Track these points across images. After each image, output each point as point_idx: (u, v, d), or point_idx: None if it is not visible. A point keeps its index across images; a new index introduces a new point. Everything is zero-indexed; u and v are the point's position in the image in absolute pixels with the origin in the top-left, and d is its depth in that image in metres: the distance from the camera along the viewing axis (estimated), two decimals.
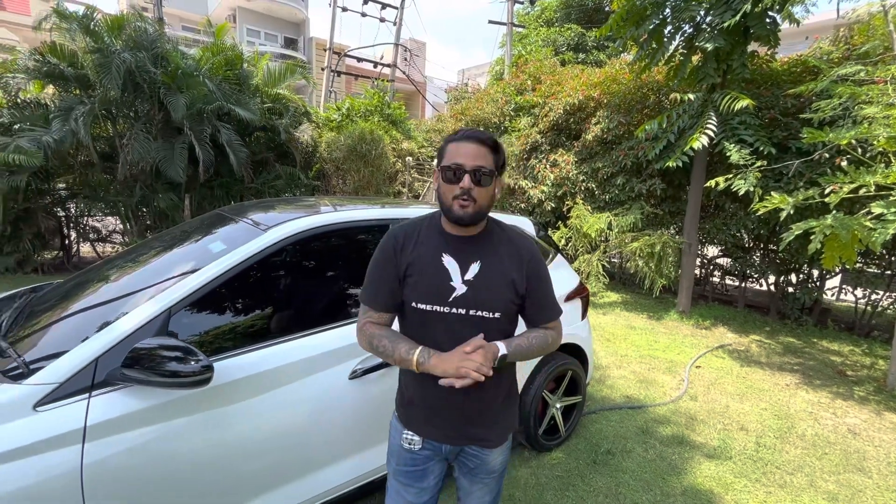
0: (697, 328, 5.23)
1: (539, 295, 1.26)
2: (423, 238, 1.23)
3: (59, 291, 1.92)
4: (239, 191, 7.85)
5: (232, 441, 1.48)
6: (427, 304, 1.18)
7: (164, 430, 1.36)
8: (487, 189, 1.15)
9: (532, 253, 1.26)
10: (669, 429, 3.00)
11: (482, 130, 1.26)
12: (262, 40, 23.31)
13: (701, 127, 4.61)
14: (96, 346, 1.31)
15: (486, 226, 1.25)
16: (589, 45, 12.47)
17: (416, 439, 1.27)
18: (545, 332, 1.27)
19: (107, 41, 6.31)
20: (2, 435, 1.16)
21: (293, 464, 1.64)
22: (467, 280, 1.18)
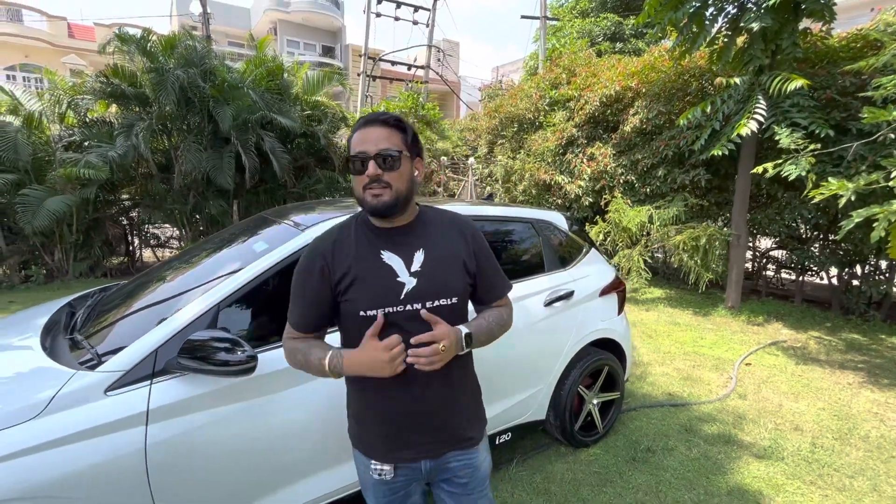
0: (748, 324, 4.97)
1: (488, 271, 1.21)
2: (355, 241, 1.12)
3: (124, 291, 2.11)
4: (282, 195, 8.22)
5: (276, 427, 1.58)
6: (378, 309, 1.06)
7: (214, 415, 1.48)
8: (400, 172, 1.05)
9: (473, 229, 1.21)
10: (715, 427, 2.88)
11: (382, 112, 1.15)
12: (302, 50, 24.19)
13: (748, 112, 4.38)
14: (156, 338, 1.45)
15: (420, 212, 1.18)
16: (626, 34, 12.06)
17: (386, 468, 1.13)
18: (498, 310, 1.23)
19: (161, 60, 6.79)
20: (80, 415, 1.31)
21: (333, 450, 1.72)
22: (415, 271, 1.09)
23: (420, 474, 1.17)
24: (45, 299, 5.62)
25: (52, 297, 5.64)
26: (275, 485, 1.61)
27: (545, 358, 2.39)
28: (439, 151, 9.36)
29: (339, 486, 1.74)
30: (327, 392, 1.67)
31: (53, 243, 6.64)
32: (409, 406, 1.11)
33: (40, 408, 1.29)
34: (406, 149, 1.08)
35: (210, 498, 1.50)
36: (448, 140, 9.85)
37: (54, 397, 1.31)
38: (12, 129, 6.13)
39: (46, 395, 1.31)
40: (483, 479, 1.23)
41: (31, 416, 1.27)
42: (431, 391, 1.12)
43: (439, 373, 1.06)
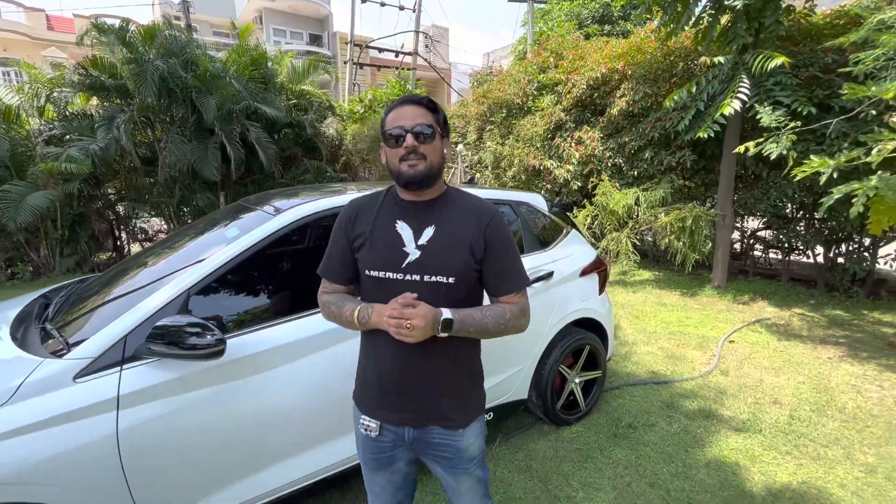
0: (734, 303, 5.03)
1: (497, 262, 1.17)
2: (379, 208, 1.22)
3: (99, 281, 2.10)
4: (270, 186, 8.15)
5: (248, 411, 1.59)
6: (380, 272, 1.16)
7: (186, 399, 1.48)
8: (434, 146, 1.13)
9: (493, 216, 1.19)
10: (696, 403, 2.93)
11: (417, 94, 1.21)
12: (288, 39, 23.80)
13: (732, 91, 4.37)
14: (124, 325, 1.45)
15: (445, 192, 1.22)
16: (615, 16, 11.94)
17: (372, 425, 1.22)
18: (502, 307, 1.18)
19: (141, 51, 6.66)
20: (48, 403, 1.31)
21: (309, 433, 1.74)
22: (420, 245, 1.15)
23: (404, 441, 1.23)
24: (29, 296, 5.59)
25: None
26: (250, 467, 1.63)
27: (525, 338, 2.41)
28: None
29: (315, 469, 1.76)
30: (299, 376, 1.68)
31: (38, 239, 6.57)
32: (393, 372, 1.19)
33: (6, 396, 1.29)
34: (438, 127, 1.16)
35: (185, 481, 1.51)
36: None
37: (21, 385, 1.31)
38: None
39: (13, 384, 1.31)
40: (470, 460, 1.26)
41: None
42: (415, 364, 1.17)
43: (426, 348, 1.12)
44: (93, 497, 1.35)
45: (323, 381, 1.75)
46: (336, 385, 1.79)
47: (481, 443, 1.29)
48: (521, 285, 1.21)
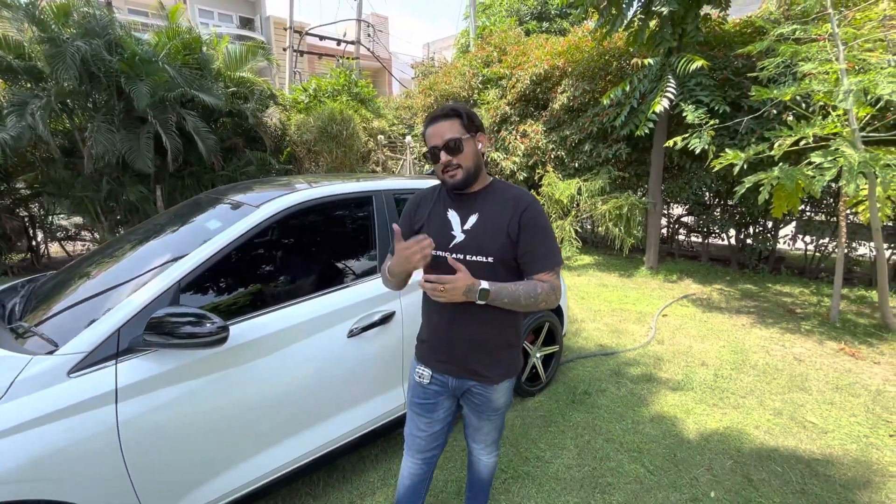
0: (665, 282, 5.60)
1: (531, 242, 1.32)
2: (435, 199, 1.45)
3: (62, 278, 2.00)
4: (210, 179, 7.74)
5: (244, 398, 1.64)
6: (433, 250, 1.33)
7: (184, 388, 1.51)
8: (465, 153, 1.31)
9: (529, 204, 1.34)
10: (639, 369, 3.31)
11: (444, 105, 1.40)
12: (216, 21, 22.25)
13: (661, 91, 4.84)
14: (117, 318, 1.44)
15: (490, 184, 1.41)
16: (552, 14, 12.49)
17: (426, 373, 1.47)
18: (535, 283, 1.33)
19: (55, 30, 6.03)
20: (43, 399, 1.29)
21: (300, 417, 1.82)
22: (466, 229, 1.36)
23: (447, 389, 1.48)
24: None
25: None
26: (248, 452, 1.68)
27: None
28: (375, 130, 9.26)
29: (308, 450, 1.85)
30: (289, 362, 1.75)
31: None
32: (440, 329, 1.43)
33: None
34: (465, 131, 1.33)
35: (185, 468, 1.54)
36: (384, 118, 9.75)
37: (12, 383, 1.28)
38: None
39: (3, 383, 1.28)
40: (496, 409, 1.51)
41: None
42: (456, 325, 1.40)
43: (467, 314, 1.35)
44: (95, 489, 1.35)
45: (312, 366, 1.83)
46: (329, 369, 1.88)
47: (509, 398, 1.53)
48: (552, 265, 1.36)
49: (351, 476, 2.20)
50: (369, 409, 2.05)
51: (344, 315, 1.92)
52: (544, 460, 2.32)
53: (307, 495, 2.08)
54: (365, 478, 2.18)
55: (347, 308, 1.94)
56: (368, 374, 2.03)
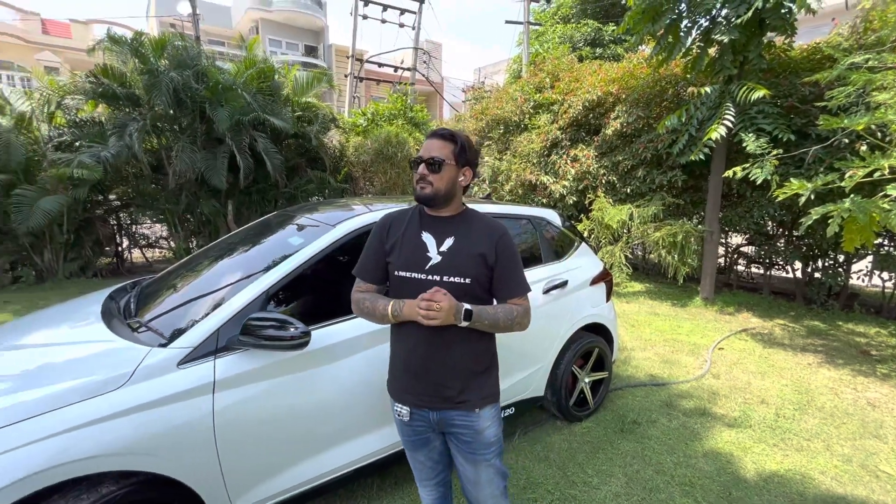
0: (721, 314, 5.37)
1: (505, 271, 1.41)
2: (408, 220, 1.47)
3: (164, 281, 2.30)
4: (274, 196, 8.32)
5: (319, 397, 1.81)
6: (407, 272, 1.39)
7: (270, 385, 1.70)
8: (441, 175, 1.37)
9: (502, 234, 1.43)
10: (692, 402, 3.22)
11: (444, 128, 1.46)
12: (284, 49, 24.03)
13: (719, 118, 4.76)
14: (217, 319, 1.66)
15: (463, 211, 1.47)
16: (606, 40, 12.53)
17: (404, 410, 1.44)
18: (511, 307, 1.40)
19: (152, 62, 6.83)
20: (158, 385, 1.51)
21: (362, 421, 1.96)
22: (442, 251, 1.39)
23: (430, 423, 1.44)
24: (39, 299, 5.65)
25: (47, 298, 5.69)
26: (320, 447, 1.84)
27: (543, 340, 2.67)
28: None
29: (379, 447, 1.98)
30: (366, 364, 1.91)
31: (43, 244, 6.62)
32: (415, 358, 1.40)
33: (124, 379, 1.49)
34: (453, 158, 1.40)
35: (264, 458, 1.71)
36: None
37: (135, 371, 1.51)
38: (3, 129, 6.11)
39: (128, 369, 1.51)
40: (487, 446, 1.42)
41: (116, 386, 1.47)
42: (433, 350, 1.38)
43: (444, 338, 1.35)
44: (190, 468, 1.55)
45: (378, 373, 1.97)
46: None
47: (497, 430, 1.45)
48: (525, 290, 1.45)
49: (402, 483, 2.31)
50: None
51: None
52: (591, 486, 2.33)
53: (362, 497, 2.21)
54: (416, 487, 2.28)
55: None
56: None
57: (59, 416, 1.36)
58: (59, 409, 1.37)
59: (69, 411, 1.38)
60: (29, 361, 1.70)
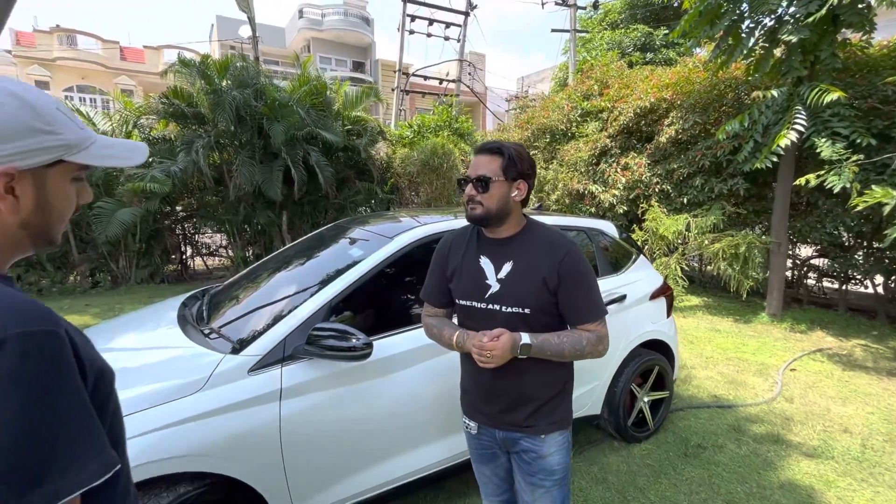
0: (791, 332, 4.98)
1: (572, 294, 1.27)
2: (466, 243, 1.39)
3: (231, 290, 2.42)
4: (325, 206, 8.62)
5: (379, 408, 1.83)
6: (467, 301, 1.34)
7: (333, 394, 1.74)
8: (491, 194, 1.27)
9: (568, 252, 1.27)
10: (763, 428, 2.99)
11: (492, 140, 1.34)
12: (333, 66, 25.07)
13: (788, 122, 4.46)
14: (284, 328, 1.72)
15: (524, 227, 1.35)
16: (657, 44, 12.14)
17: (472, 424, 1.43)
18: (580, 333, 1.28)
19: (216, 82, 7.31)
20: (231, 391, 1.59)
21: (425, 431, 1.96)
22: (500, 279, 1.30)
23: (496, 440, 1.42)
24: (115, 303, 6.12)
25: (121, 301, 6.16)
26: (379, 457, 1.86)
27: None
28: None
29: (434, 461, 1.97)
30: (423, 376, 1.91)
31: (119, 252, 7.20)
32: (478, 381, 1.39)
33: (201, 384, 1.57)
34: (502, 173, 1.28)
35: (325, 464, 1.75)
36: None
37: (211, 376, 1.59)
38: None
39: (204, 374, 1.59)
40: (549, 473, 1.35)
41: (195, 391, 1.55)
42: (499, 378, 1.34)
43: (510, 366, 1.27)
44: (258, 471, 1.60)
45: (432, 385, 1.98)
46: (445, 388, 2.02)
47: (563, 458, 1.37)
48: (597, 316, 1.30)
49: (455, 497, 2.28)
50: None
51: None
52: None
53: None
54: (469, 502, 2.25)
55: None
56: None
57: (146, 417, 1.45)
58: (146, 409, 1.47)
59: (154, 412, 1.47)
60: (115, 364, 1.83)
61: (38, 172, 0.64)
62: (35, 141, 0.61)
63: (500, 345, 1.21)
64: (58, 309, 5.23)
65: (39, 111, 0.62)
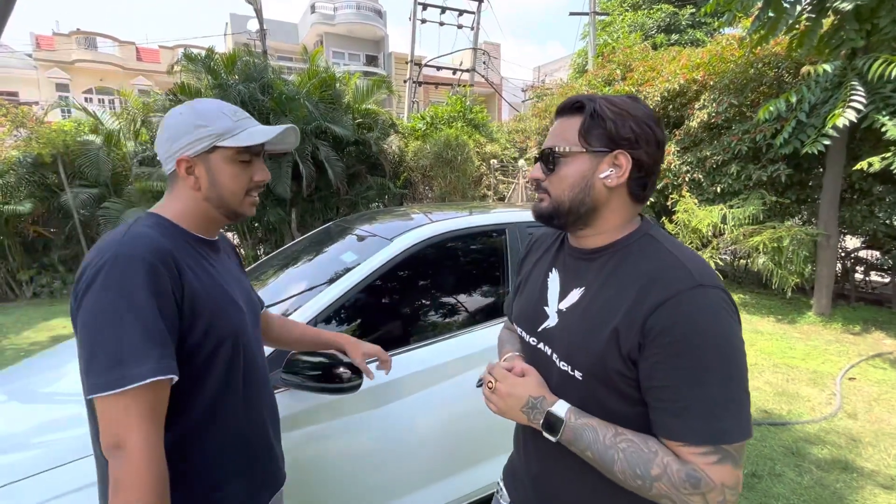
0: (843, 333, 4.51)
1: (662, 376, 0.68)
2: (547, 247, 0.96)
3: None
4: (335, 203, 8.38)
5: (378, 442, 1.53)
6: (519, 327, 0.93)
7: (318, 430, 1.44)
8: (560, 175, 0.79)
9: (675, 294, 0.68)
10: (826, 451, 2.59)
11: (574, 96, 0.81)
12: (346, 60, 24.85)
13: (843, 100, 3.98)
14: None
15: (627, 237, 0.80)
16: (682, 25, 11.48)
17: (503, 493, 1.00)
18: (655, 453, 0.68)
19: (223, 77, 7.12)
20: None
21: (430, 468, 1.65)
22: (560, 309, 0.83)
23: None
24: None
25: None
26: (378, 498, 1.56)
27: None
28: (488, 154, 9.28)
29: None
30: (425, 407, 1.60)
31: None
32: (523, 456, 0.94)
33: None
34: (582, 140, 0.76)
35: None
36: (497, 143, 9.73)
37: None
38: (94, 146, 6.61)
39: None
40: None
41: None
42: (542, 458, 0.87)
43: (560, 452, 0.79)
44: None
45: (439, 414, 1.66)
46: (456, 421, 1.71)
47: None
48: (700, 434, 0.66)
49: None
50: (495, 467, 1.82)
51: (469, 363, 1.73)
52: None
53: None
54: None
55: (474, 356, 1.75)
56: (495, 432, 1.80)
57: None
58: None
59: None
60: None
61: (204, 157, 0.87)
62: (195, 134, 0.85)
63: (509, 390, 0.79)
64: (65, 312, 5.08)
65: (200, 112, 0.87)
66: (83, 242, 6.88)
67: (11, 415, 1.46)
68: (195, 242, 0.89)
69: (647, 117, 0.75)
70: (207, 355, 0.83)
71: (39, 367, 1.82)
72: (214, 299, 0.85)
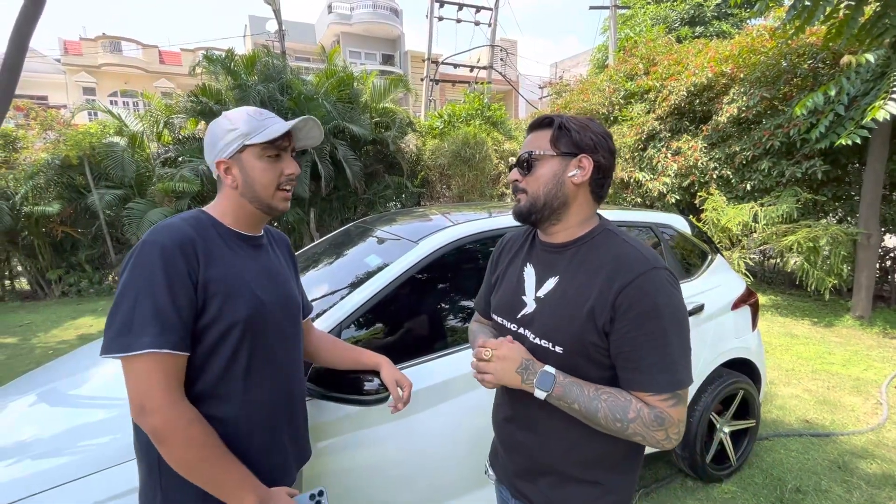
0: (885, 338, 4.28)
1: (632, 340, 0.83)
2: (520, 245, 1.09)
3: None
4: (353, 202, 8.39)
5: (406, 452, 1.47)
6: (499, 317, 1.06)
7: (345, 441, 1.38)
8: (536, 175, 0.93)
9: (640, 277, 0.83)
10: (875, 465, 2.43)
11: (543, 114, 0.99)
12: (363, 59, 24.90)
13: (886, 91, 3.76)
14: None
15: (590, 232, 0.95)
16: (708, 17, 11.12)
17: (491, 472, 1.15)
18: (631, 400, 0.83)
19: (243, 77, 7.16)
20: None
21: (457, 480, 1.58)
22: (538, 297, 0.96)
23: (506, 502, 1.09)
24: None
25: None
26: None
27: None
28: (507, 152, 9.15)
29: None
30: (452, 417, 1.53)
31: None
32: (501, 418, 1.09)
33: None
34: (551, 147, 0.92)
35: None
36: (515, 140, 9.59)
37: None
38: (119, 148, 6.72)
39: None
40: None
41: None
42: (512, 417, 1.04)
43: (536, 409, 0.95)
44: None
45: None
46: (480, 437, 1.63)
47: None
48: (668, 385, 0.82)
49: None
50: None
51: None
52: None
53: None
54: None
55: None
56: None
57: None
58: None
59: None
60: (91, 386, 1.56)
61: (237, 157, 0.97)
62: (227, 138, 0.96)
63: (505, 352, 0.91)
64: (92, 311, 5.13)
65: (230, 118, 0.98)
66: (109, 242, 7.02)
67: (43, 419, 1.44)
68: (228, 236, 0.98)
69: (603, 131, 0.93)
70: (217, 337, 0.91)
71: (67, 369, 1.81)
72: (228, 285, 0.92)
